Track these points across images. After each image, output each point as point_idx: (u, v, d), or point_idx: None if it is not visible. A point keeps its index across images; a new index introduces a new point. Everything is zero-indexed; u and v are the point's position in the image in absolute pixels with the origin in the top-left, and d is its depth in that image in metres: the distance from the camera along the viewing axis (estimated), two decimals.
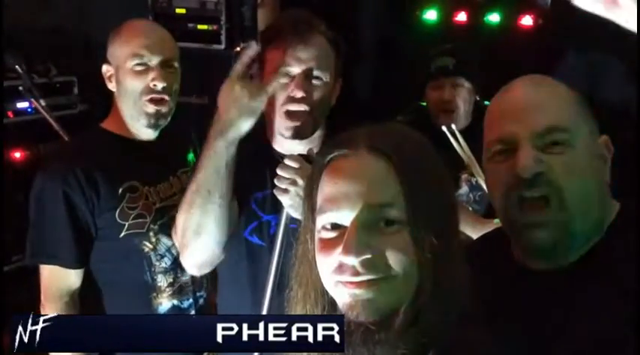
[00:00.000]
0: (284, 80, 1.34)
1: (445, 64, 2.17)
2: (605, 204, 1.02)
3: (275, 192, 1.28)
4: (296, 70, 1.34)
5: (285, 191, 1.26)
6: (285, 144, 1.39)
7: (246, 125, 1.26)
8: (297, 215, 1.27)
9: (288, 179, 1.26)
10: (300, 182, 1.24)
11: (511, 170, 0.97)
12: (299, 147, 1.36)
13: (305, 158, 1.27)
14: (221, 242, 1.32)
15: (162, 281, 1.57)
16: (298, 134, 1.35)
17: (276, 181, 1.28)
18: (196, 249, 1.32)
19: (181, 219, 1.31)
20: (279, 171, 1.27)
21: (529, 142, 0.96)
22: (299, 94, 1.33)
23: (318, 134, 1.40)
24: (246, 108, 1.25)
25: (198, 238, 1.29)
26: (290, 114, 1.35)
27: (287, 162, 1.27)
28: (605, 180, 1.02)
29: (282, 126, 1.35)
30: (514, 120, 0.99)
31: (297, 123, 1.34)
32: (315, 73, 1.35)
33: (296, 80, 1.34)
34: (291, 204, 1.26)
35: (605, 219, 1.01)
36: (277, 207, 1.32)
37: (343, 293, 0.79)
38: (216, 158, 1.27)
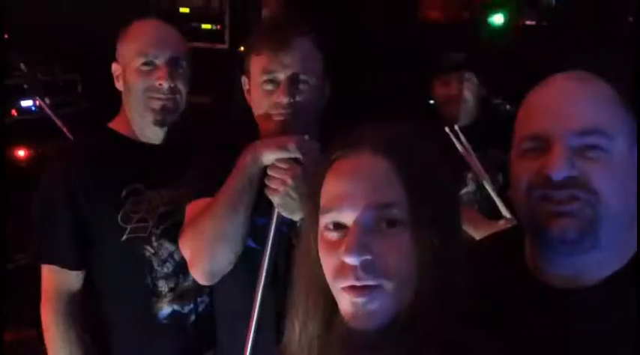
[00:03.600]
0: (270, 86, 1.34)
1: (454, 59, 2.17)
2: (635, 219, 0.94)
3: (266, 191, 1.29)
4: (281, 75, 1.33)
5: (276, 190, 1.26)
6: None
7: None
8: (287, 214, 1.28)
9: (278, 179, 1.26)
10: (290, 182, 1.24)
11: (540, 169, 0.90)
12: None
13: (294, 160, 1.27)
14: (238, 251, 1.32)
15: (163, 286, 1.55)
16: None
17: (266, 181, 1.28)
18: (215, 255, 1.31)
19: (202, 225, 1.30)
20: (269, 172, 1.28)
21: (563, 142, 0.88)
22: (285, 100, 1.32)
23: (310, 136, 1.39)
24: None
25: (219, 245, 1.29)
26: (278, 121, 1.34)
27: (277, 162, 1.27)
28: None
29: (270, 131, 1.35)
30: (549, 116, 0.91)
31: (286, 130, 1.33)
32: (302, 77, 1.34)
33: (282, 86, 1.33)
34: (281, 203, 1.27)
35: (636, 236, 0.93)
36: (271, 210, 1.32)
37: (346, 300, 0.79)
38: (244, 170, 1.29)
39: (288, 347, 0.90)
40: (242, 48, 3.10)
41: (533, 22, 3.25)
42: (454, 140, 1.97)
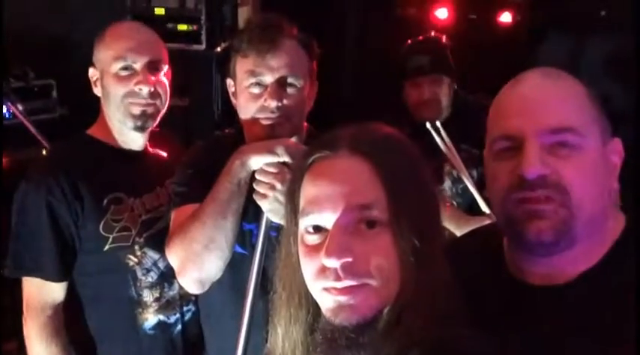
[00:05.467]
0: (257, 90, 1.33)
1: (420, 63, 2.17)
2: (611, 215, 0.94)
3: (254, 196, 1.27)
4: (269, 79, 1.32)
5: (264, 196, 1.25)
6: None
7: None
8: (276, 219, 1.26)
9: (266, 184, 1.25)
10: (279, 186, 1.23)
11: (514, 169, 0.90)
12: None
13: (283, 164, 1.25)
14: (227, 259, 1.31)
15: (148, 296, 1.53)
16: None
17: (255, 186, 1.27)
18: (204, 264, 1.29)
19: (190, 232, 1.28)
20: (257, 176, 1.26)
21: (535, 141, 0.89)
22: (273, 104, 1.31)
23: (297, 138, 1.38)
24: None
25: (208, 253, 1.28)
26: (266, 125, 1.33)
27: (265, 167, 1.26)
28: (613, 188, 0.95)
29: (258, 135, 1.33)
30: (521, 116, 0.91)
31: (274, 134, 1.32)
32: (289, 80, 1.32)
33: (269, 90, 1.32)
34: (270, 208, 1.25)
35: (610, 232, 0.94)
36: (259, 215, 1.31)
37: (327, 299, 0.79)
38: (232, 175, 1.27)
39: (272, 353, 0.89)
40: (219, 48, 3.08)
41: (508, 19, 3.28)
42: (435, 136, 1.98)
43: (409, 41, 2.28)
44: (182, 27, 3.15)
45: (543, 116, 0.90)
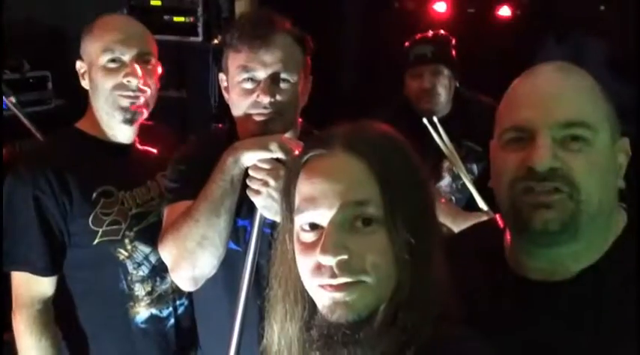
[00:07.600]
0: (250, 85, 1.32)
1: (423, 52, 2.16)
2: (614, 213, 0.95)
3: (247, 192, 1.26)
4: (261, 74, 1.30)
5: (258, 192, 1.24)
6: None
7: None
8: (270, 216, 1.26)
9: (260, 180, 1.24)
10: (272, 183, 1.22)
11: (524, 161, 0.90)
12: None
13: (276, 160, 1.25)
14: (221, 256, 1.30)
15: (139, 290, 1.52)
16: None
17: (248, 182, 1.26)
18: (197, 261, 1.28)
19: (183, 230, 1.28)
20: (251, 172, 1.26)
21: (547, 133, 0.88)
22: (266, 100, 1.29)
23: (291, 134, 1.37)
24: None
25: (202, 250, 1.27)
26: (258, 121, 1.32)
27: (258, 163, 1.25)
28: (618, 186, 0.95)
29: (251, 131, 1.32)
30: (533, 108, 0.91)
31: (267, 130, 1.30)
32: (282, 75, 1.31)
33: (262, 85, 1.30)
34: (263, 205, 1.25)
35: (612, 230, 0.95)
36: (252, 211, 1.30)
37: (323, 296, 0.79)
38: (225, 172, 1.26)
39: (269, 349, 0.90)
40: (216, 41, 3.06)
41: (507, 13, 3.28)
42: (432, 132, 1.98)
43: (417, 35, 2.26)
44: (179, 19, 3.14)
45: (556, 109, 0.90)
